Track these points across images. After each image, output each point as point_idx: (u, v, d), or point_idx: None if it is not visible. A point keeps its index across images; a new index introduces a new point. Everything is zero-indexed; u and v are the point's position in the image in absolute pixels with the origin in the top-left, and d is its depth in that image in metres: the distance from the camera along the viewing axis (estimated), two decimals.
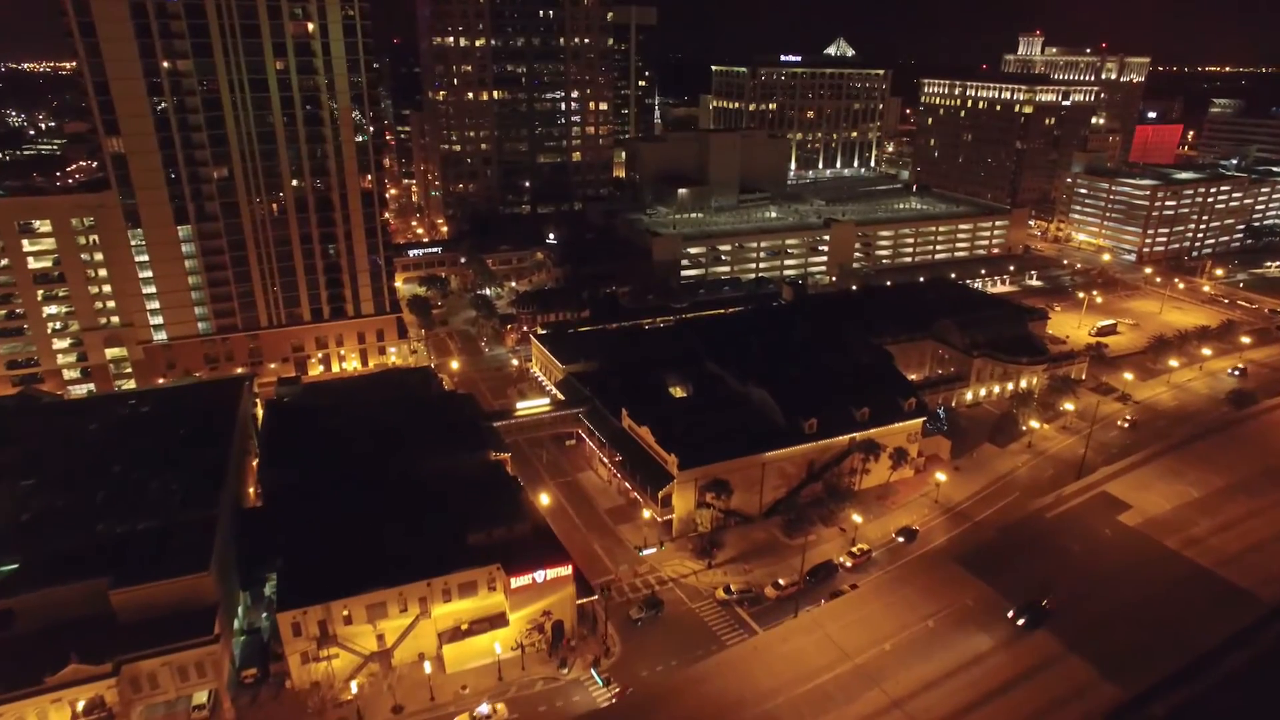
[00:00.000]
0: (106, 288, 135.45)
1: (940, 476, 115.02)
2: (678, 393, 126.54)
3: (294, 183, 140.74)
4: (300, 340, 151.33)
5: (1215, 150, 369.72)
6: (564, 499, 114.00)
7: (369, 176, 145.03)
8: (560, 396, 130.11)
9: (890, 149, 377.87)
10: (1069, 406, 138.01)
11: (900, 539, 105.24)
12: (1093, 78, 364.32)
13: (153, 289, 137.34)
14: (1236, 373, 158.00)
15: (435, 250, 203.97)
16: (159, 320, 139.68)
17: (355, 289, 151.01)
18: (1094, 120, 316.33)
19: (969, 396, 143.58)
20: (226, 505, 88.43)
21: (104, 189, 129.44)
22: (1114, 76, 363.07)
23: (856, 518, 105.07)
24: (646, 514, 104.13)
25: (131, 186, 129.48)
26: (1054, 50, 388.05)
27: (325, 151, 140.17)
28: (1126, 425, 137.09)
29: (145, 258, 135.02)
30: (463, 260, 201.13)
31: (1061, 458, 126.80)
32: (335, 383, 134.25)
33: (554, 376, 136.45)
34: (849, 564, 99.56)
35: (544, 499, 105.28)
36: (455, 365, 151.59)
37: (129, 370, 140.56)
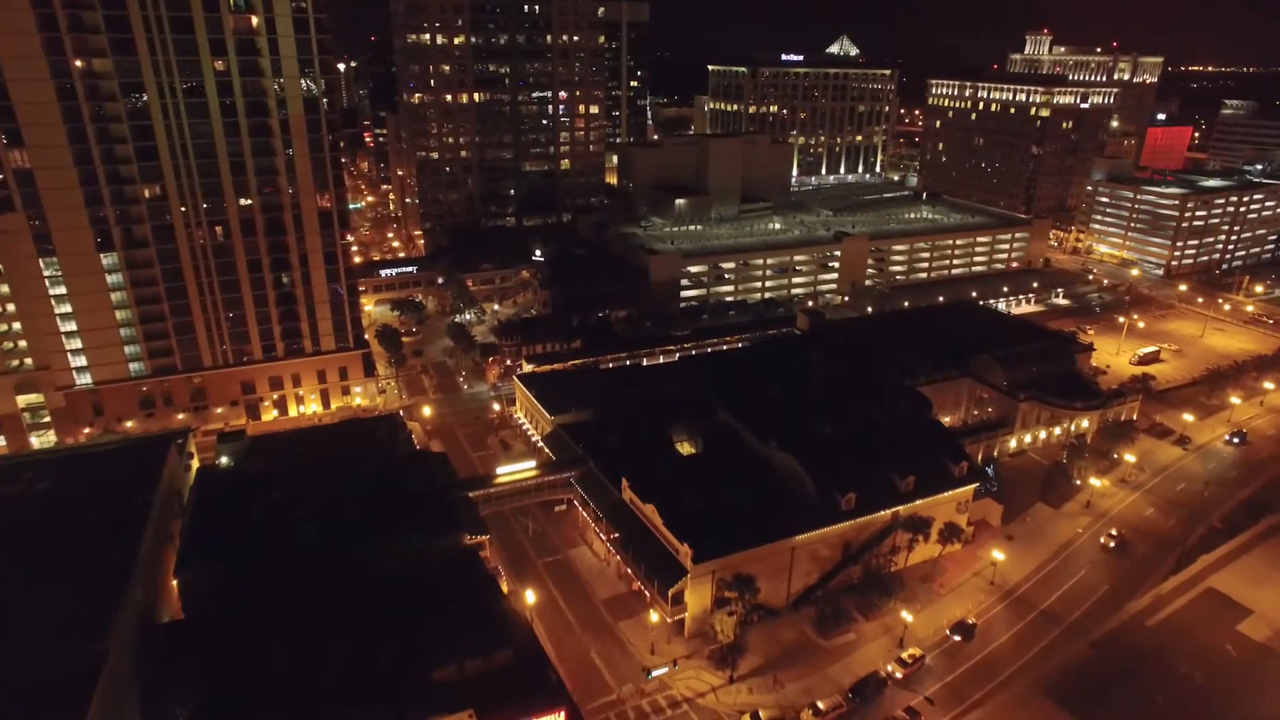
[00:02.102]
0: (17, 325, 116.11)
1: (997, 555, 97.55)
2: (685, 449, 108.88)
3: (241, 201, 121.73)
4: (251, 380, 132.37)
5: (1240, 154, 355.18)
6: (553, 586, 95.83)
7: (327, 194, 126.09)
8: (548, 452, 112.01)
9: (889, 151, 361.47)
10: (1129, 458, 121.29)
11: (956, 637, 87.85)
12: (1104, 78, 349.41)
13: (73, 326, 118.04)
14: (1236, 440, 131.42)
15: (410, 269, 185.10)
16: (82, 362, 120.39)
17: (313, 322, 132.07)
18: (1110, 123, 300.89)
19: (1012, 444, 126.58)
20: (126, 630, 69.82)
21: (8, 210, 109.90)
22: (1126, 77, 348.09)
23: (906, 615, 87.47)
24: (654, 617, 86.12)
25: (42, 208, 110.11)
26: (1062, 49, 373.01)
27: (275, 166, 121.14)
28: (1113, 545, 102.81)
29: (63, 290, 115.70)
30: (440, 280, 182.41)
31: (1126, 520, 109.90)
32: (287, 436, 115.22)
33: (541, 428, 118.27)
34: (899, 675, 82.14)
35: (530, 596, 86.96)
36: (428, 411, 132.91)
37: (47, 419, 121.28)
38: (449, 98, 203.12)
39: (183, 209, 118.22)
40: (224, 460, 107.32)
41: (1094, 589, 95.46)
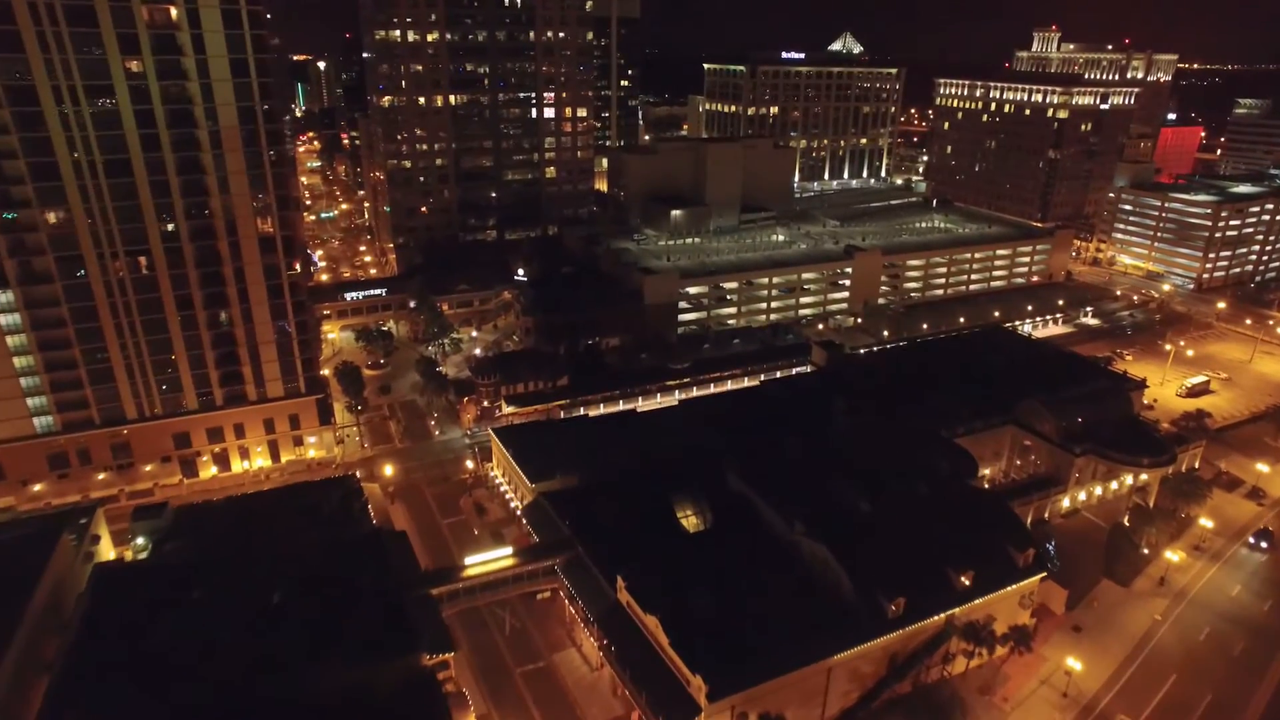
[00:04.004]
0: None
1: (1073, 664, 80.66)
2: (691, 524, 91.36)
3: (167, 226, 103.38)
4: (186, 431, 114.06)
5: (1253, 156, 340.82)
6: (535, 706, 78.34)
7: (270, 217, 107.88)
8: (529, 529, 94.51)
9: (894, 154, 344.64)
10: (1205, 522, 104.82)
11: None
12: (1117, 76, 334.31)
13: None
14: (1263, 545, 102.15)
15: (378, 292, 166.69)
16: None
17: (257, 366, 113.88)
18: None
19: (1065, 503, 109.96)
20: None
21: None
22: (1140, 75, 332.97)
23: None
24: None
25: None
26: (1071, 47, 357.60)
27: (205, 186, 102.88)
28: None
29: None
30: (412, 304, 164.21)
31: (1212, 604, 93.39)
32: (219, 507, 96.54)
33: (521, 493, 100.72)
34: None
35: None
36: (390, 470, 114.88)
37: None
38: (422, 100, 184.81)
39: (94, 237, 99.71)
40: (139, 541, 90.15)
41: (1194, 701, 79.10)
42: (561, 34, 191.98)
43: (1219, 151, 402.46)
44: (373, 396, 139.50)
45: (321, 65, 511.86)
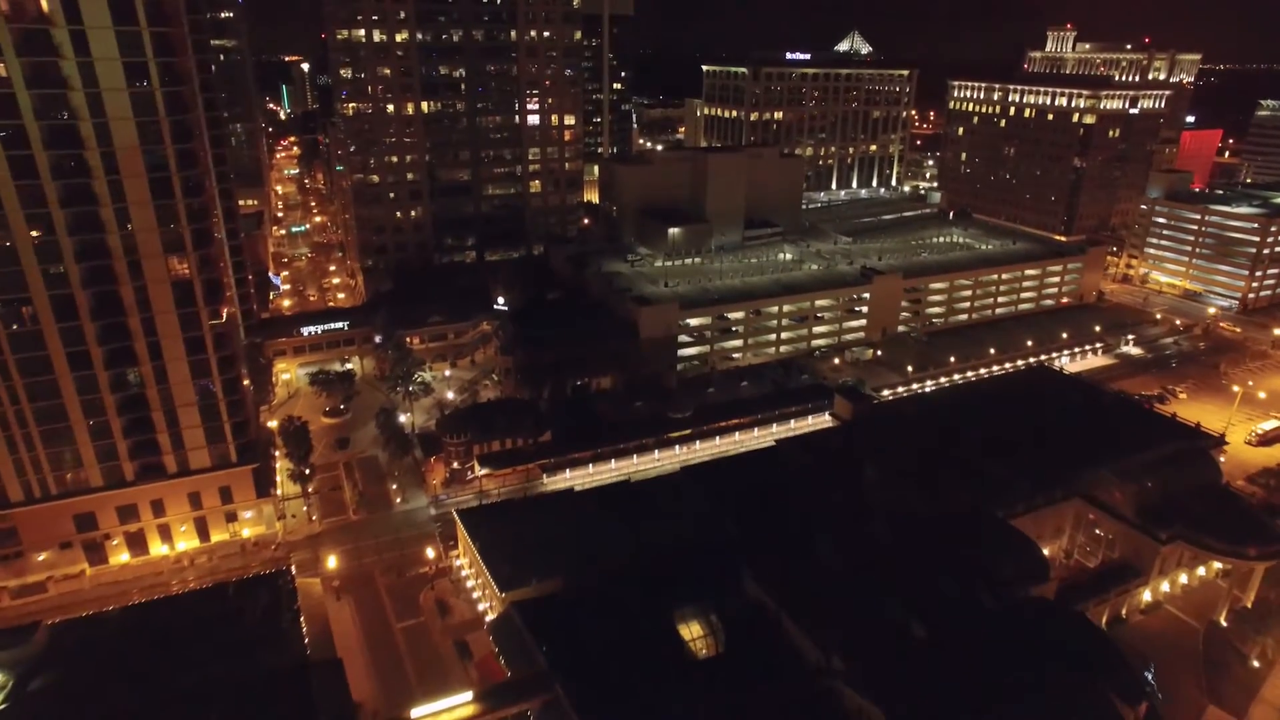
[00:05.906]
0: None
1: None
2: (700, 646, 73.09)
3: (54, 269, 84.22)
4: (90, 511, 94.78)
5: (1276, 161, 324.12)
6: None
7: (185, 257, 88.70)
8: (496, 652, 75.79)
9: (905, 161, 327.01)
10: None
11: None
12: (1137, 77, 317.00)
13: None
14: None
15: (340, 326, 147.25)
16: None
17: (176, 433, 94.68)
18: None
19: (1146, 597, 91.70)
20: None
21: None
22: (1163, 76, 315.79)
23: None
24: None
25: None
26: (1088, 46, 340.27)
27: (100, 220, 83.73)
28: None
29: None
30: (378, 339, 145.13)
31: None
32: (109, 623, 77.73)
33: (489, 597, 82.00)
34: None
35: None
36: (333, 562, 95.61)
37: None
38: (391, 107, 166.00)
39: None
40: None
41: None
42: (547, 33, 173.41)
43: (1227, 154, 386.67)
44: (327, 453, 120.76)
45: (306, 67, 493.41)
